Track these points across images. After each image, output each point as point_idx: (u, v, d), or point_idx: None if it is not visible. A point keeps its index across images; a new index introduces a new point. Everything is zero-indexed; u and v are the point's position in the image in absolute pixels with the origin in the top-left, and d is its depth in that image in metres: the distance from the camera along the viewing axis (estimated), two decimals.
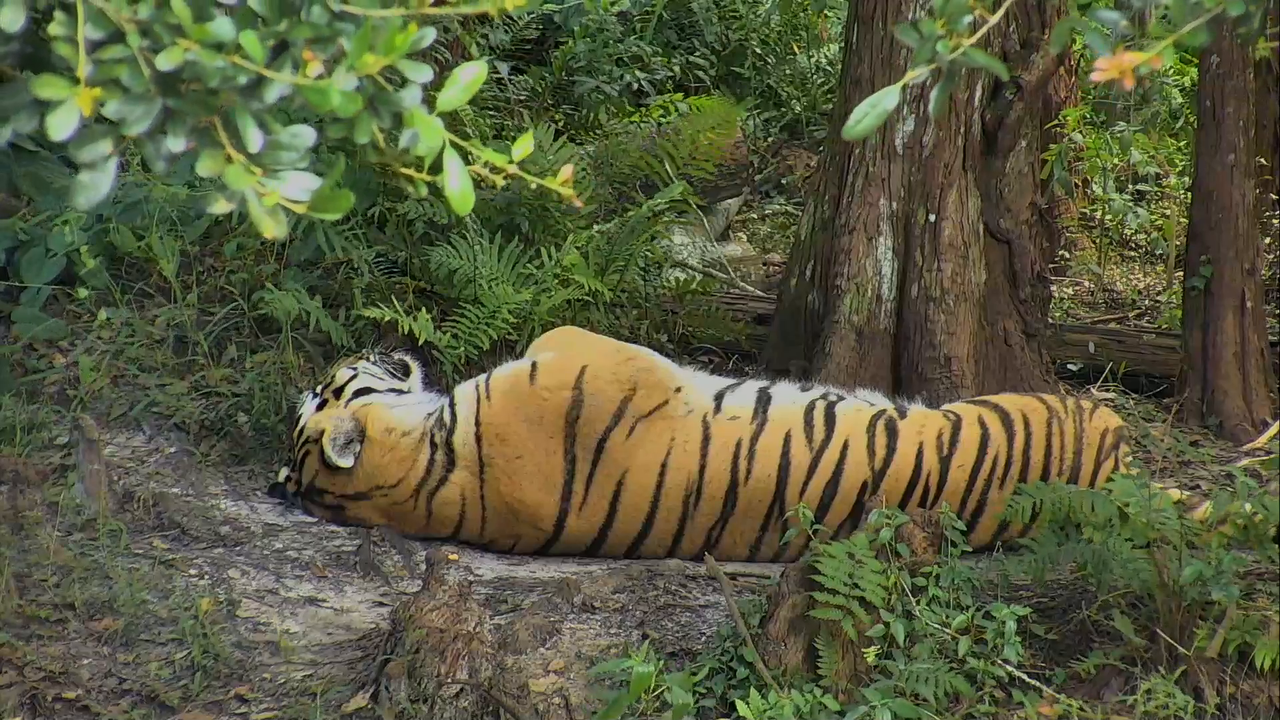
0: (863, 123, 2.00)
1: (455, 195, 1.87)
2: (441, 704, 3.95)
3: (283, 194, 1.82)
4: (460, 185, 1.86)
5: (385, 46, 1.82)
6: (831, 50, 10.10)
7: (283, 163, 1.83)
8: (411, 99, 1.88)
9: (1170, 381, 6.76)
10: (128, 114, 1.78)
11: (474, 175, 1.90)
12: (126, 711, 3.98)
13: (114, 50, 1.76)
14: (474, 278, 6.03)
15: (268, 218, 1.82)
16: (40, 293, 5.80)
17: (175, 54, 1.74)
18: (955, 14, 1.96)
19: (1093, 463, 5.16)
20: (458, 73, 1.86)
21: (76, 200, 1.83)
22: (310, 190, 1.83)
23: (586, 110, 9.43)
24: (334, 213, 1.85)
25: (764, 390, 5.24)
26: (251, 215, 1.83)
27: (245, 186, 1.81)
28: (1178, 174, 9.11)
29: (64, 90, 1.74)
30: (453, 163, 1.86)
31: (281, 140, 1.83)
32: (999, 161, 6.23)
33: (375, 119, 1.87)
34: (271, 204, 1.82)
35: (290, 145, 1.83)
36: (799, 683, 3.93)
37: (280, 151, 1.83)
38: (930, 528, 4.19)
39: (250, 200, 1.82)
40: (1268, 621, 3.92)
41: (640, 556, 5.08)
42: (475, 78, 1.86)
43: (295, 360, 5.81)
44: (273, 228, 1.84)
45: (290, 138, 1.83)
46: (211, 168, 1.82)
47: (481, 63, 1.89)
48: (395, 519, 5.16)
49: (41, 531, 4.62)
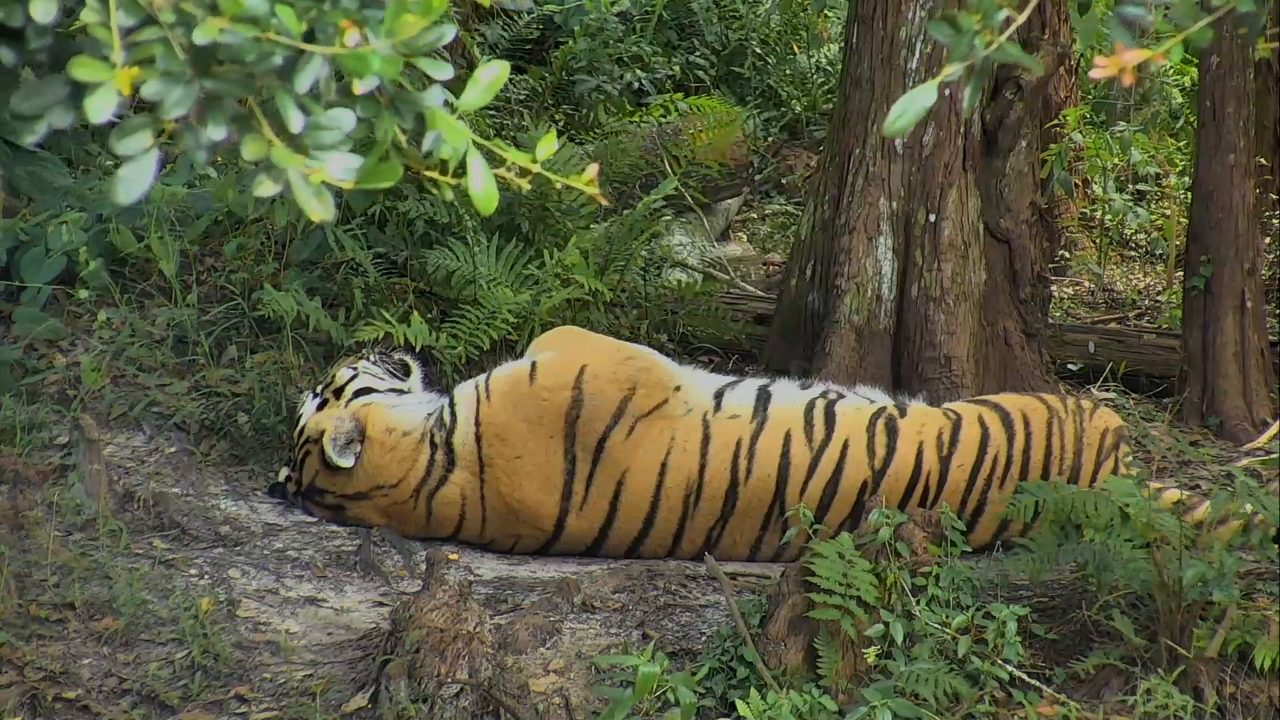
0: (900, 120, 2.00)
1: (480, 196, 1.87)
2: (441, 704, 3.94)
3: (328, 173, 1.82)
4: (484, 186, 1.86)
5: (424, 8, 1.81)
6: (831, 50, 10.09)
7: (324, 144, 1.83)
8: (434, 99, 1.88)
9: (1170, 381, 6.76)
10: (166, 95, 1.78)
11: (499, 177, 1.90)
12: (126, 711, 3.98)
13: (148, 32, 1.76)
14: (473, 278, 6.03)
15: (313, 199, 1.82)
16: (40, 293, 5.80)
17: (210, 28, 1.74)
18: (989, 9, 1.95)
19: (1093, 463, 5.16)
20: (478, 73, 1.86)
21: (117, 196, 1.82)
22: (353, 169, 1.83)
23: (587, 110, 9.43)
24: (385, 181, 1.84)
25: (764, 388, 5.24)
26: (297, 198, 1.82)
27: (291, 166, 1.80)
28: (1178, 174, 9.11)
29: (102, 72, 1.73)
30: (476, 164, 1.86)
31: (321, 122, 1.83)
32: (999, 161, 6.23)
33: (397, 119, 1.86)
34: (318, 181, 1.81)
35: (330, 126, 1.83)
36: (799, 683, 3.94)
37: (321, 132, 1.83)
38: (930, 527, 4.19)
39: (295, 182, 1.81)
40: (1268, 621, 3.92)
41: (640, 556, 5.08)
42: (497, 78, 1.86)
43: (295, 360, 5.81)
44: (319, 210, 1.83)
45: (330, 120, 1.83)
46: (256, 151, 1.81)
47: (503, 63, 1.89)
48: (395, 519, 5.16)
49: (41, 531, 4.62)
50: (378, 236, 6.33)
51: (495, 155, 1.92)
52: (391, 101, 1.87)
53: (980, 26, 1.96)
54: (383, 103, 1.86)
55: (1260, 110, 7.16)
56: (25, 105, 1.85)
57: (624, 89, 9.53)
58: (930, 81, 1.98)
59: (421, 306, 6.10)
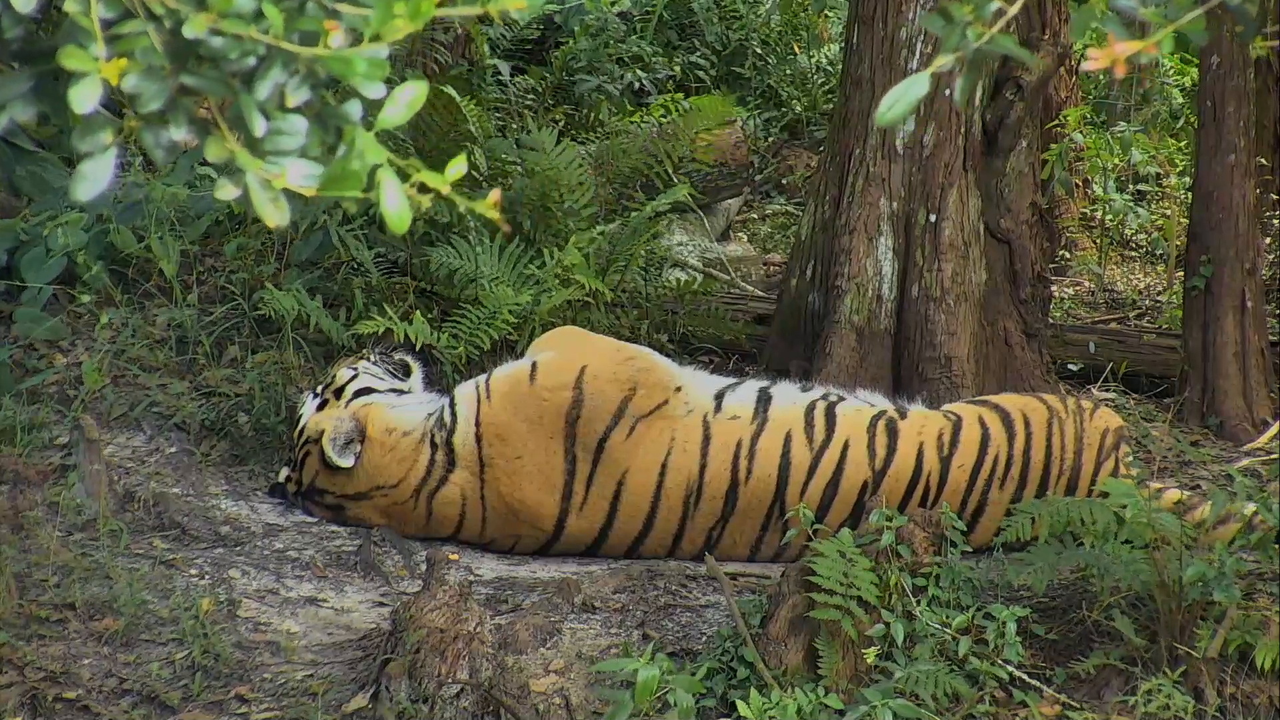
0: (893, 109, 1.99)
1: (392, 215, 1.86)
2: (442, 704, 3.95)
3: (289, 179, 1.82)
4: (397, 205, 1.85)
5: (412, 11, 1.81)
6: (832, 50, 10.10)
7: (283, 149, 1.83)
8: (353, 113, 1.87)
9: (1170, 381, 6.76)
10: (144, 90, 1.78)
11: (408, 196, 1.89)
12: (127, 711, 3.98)
13: (131, 25, 1.76)
14: (474, 278, 6.03)
15: (270, 205, 1.83)
16: (41, 293, 5.80)
17: (198, 24, 1.74)
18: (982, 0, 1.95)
19: (1093, 463, 5.16)
20: (397, 93, 1.85)
21: (76, 192, 1.83)
22: (313, 176, 1.83)
23: (587, 110, 9.43)
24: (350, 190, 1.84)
25: (764, 390, 5.24)
26: (254, 204, 1.83)
27: (253, 169, 1.81)
28: (1178, 174, 9.11)
29: (89, 63, 1.74)
30: (389, 183, 1.85)
31: (282, 128, 1.83)
32: (999, 161, 6.23)
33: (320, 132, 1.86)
34: (280, 187, 1.82)
35: (291, 131, 1.83)
36: (799, 683, 3.94)
37: (280, 138, 1.83)
38: (930, 528, 4.19)
39: (254, 189, 1.82)
40: (1268, 622, 3.92)
41: (640, 556, 5.08)
42: (416, 97, 1.85)
43: (296, 360, 5.81)
44: (275, 216, 1.84)
45: (290, 126, 1.83)
46: (218, 153, 1.82)
47: (422, 83, 1.88)
48: (395, 519, 5.16)
49: (42, 531, 4.62)
50: (378, 237, 6.33)
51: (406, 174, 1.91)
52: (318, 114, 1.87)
53: (972, 18, 1.96)
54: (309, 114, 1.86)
55: (1260, 110, 7.16)
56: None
57: (624, 89, 9.53)
58: (923, 72, 1.98)
59: (422, 306, 6.10)
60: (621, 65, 9.64)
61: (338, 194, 1.85)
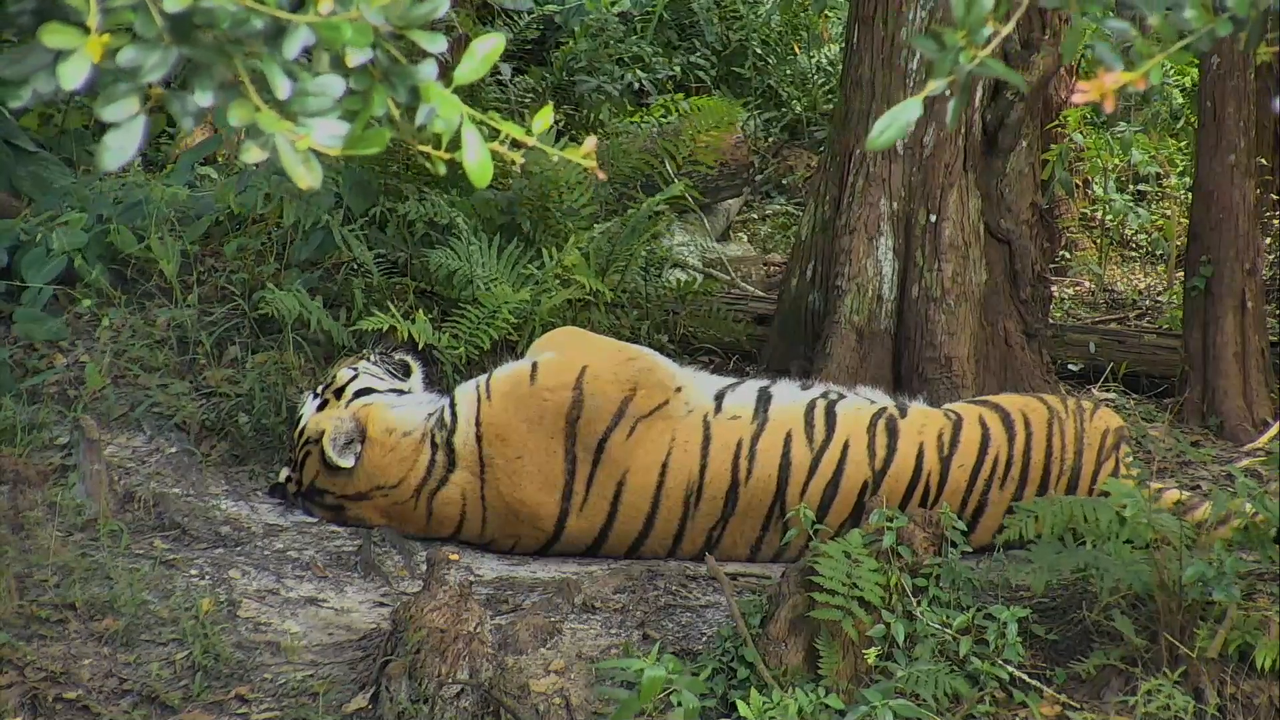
0: (885, 134, 2.00)
1: (474, 168, 1.86)
2: (442, 704, 3.95)
3: (315, 139, 1.81)
4: (479, 158, 1.85)
5: None
6: (832, 50, 10.10)
7: (311, 110, 1.82)
8: (427, 73, 1.86)
9: (1170, 381, 6.76)
10: (142, 61, 1.77)
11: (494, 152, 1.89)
12: (127, 712, 3.98)
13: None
14: (473, 278, 6.03)
15: (300, 166, 1.82)
16: (41, 293, 5.80)
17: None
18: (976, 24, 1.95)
19: (1093, 463, 5.16)
20: (475, 45, 1.85)
21: (104, 161, 1.81)
22: (339, 135, 1.82)
23: (588, 110, 9.43)
24: (371, 148, 1.83)
25: (764, 390, 5.24)
26: (284, 164, 1.81)
27: (278, 131, 1.80)
28: (1178, 174, 9.11)
29: (74, 39, 1.72)
30: (470, 136, 1.85)
31: (309, 88, 1.82)
32: (1000, 162, 6.23)
33: (390, 92, 1.86)
34: (304, 147, 1.81)
35: (318, 92, 1.82)
36: (800, 683, 3.94)
37: (308, 99, 1.82)
38: (931, 528, 4.19)
39: (282, 148, 1.81)
40: (1268, 622, 3.92)
41: (641, 557, 5.08)
42: (494, 49, 1.85)
43: (296, 360, 5.81)
44: (306, 177, 1.83)
45: (317, 86, 1.82)
46: (243, 116, 1.81)
47: (499, 35, 1.87)
48: (396, 519, 5.16)
49: (42, 532, 4.62)
50: (378, 237, 6.33)
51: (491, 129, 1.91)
52: (385, 74, 1.86)
53: (965, 43, 1.96)
54: (375, 75, 1.85)
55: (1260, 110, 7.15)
56: (8, 71, 1.84)
57: (625, 89, 9.53)
58: (915, 97, 1.99)
59: (422, 306, 6.10)
60: (621, 66, 9.64)
61: (360, 152, 1.84)
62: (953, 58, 1.96)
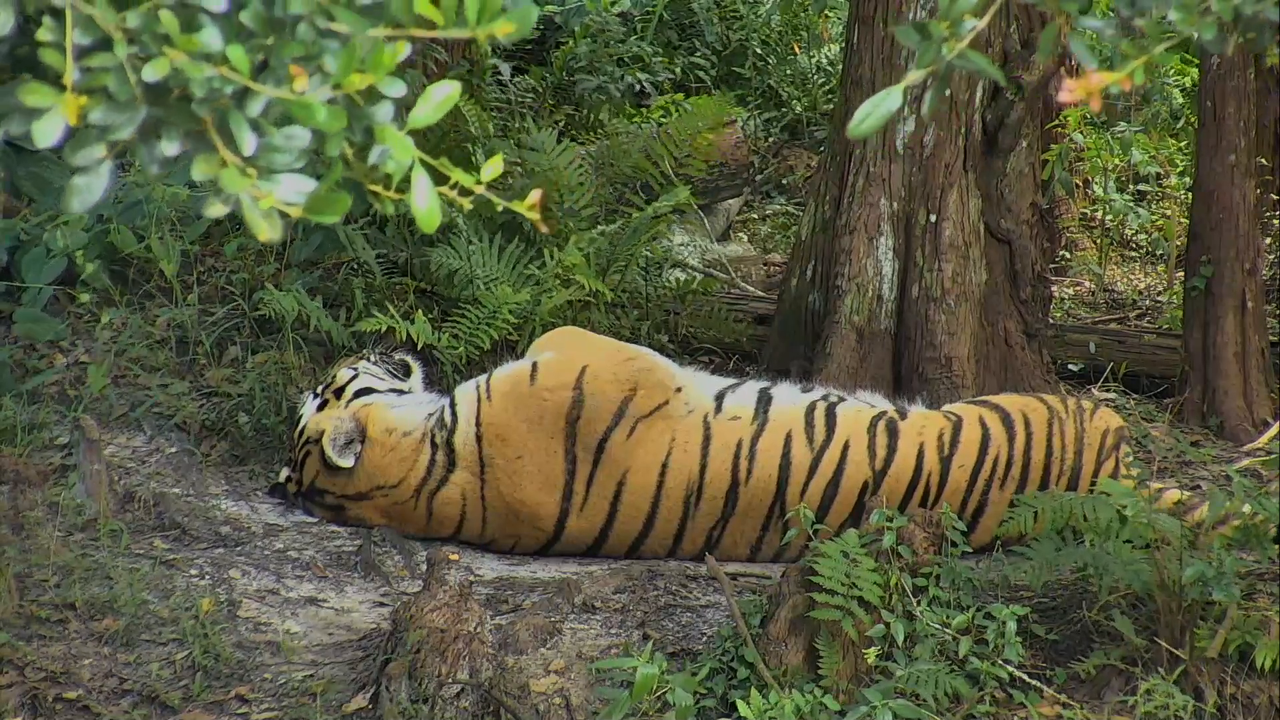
0: (865, 123, 2.00)
1: (422, 214, 1.86)
2: (442, 704, 3.95)
3: (278, 196, 1.82)
4: (427, 204, 1.85)
5: (373, 64, 1.81)
6: (832, 50, 10.09)
7: (277, 165, 1.82)
8: (384, 115, 1.87)
9: (1171, 382, 6.76)
10: (113, 121, 1.78)
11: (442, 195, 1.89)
12: (127, 712, 3.98)
13: (101, 58, 1.76)
14: (474, 278, 6.03)
15: (263, 221, 1.82)
16: (41, 293, 5.80)
17: (162, 65, 1.74)
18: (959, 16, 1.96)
19: (1093, 463, 5.16)
20: (430, 91, 1.85)
21: (70, 204, 1.83)
22: (305, 192, 1.83)
23: (588, 110, 9.43)
24: (331, 215, 1.84)
25: (765, 391, 5.24)
26: (247, 219, 1.82)
27: (241, 190, 1.80)
28: (1178, 174, 9.11)
29: (49, 98, 1.74)
30: (421, 181, 1.85)
31: (275, 142, 1.82)
32: (1000, 162, 6.23)
33: (347, 133, 1.86)
34: (267, 207, 1.81)
35: (284, 147, 1.83)
36: (800, 683, 3.94)
37: (274, 154, 1.82)
38: (931, 528, 4.19)
39: (245, 204, 1.81)
40: (1268, 622, 3.92)
41: (641, 557, 5.08)
42: (448, 97, 1.85)
43: (296, 360, 5.81)
44: (268, 231, 1.83)
45: (284, 139, 1.83)
46: (206, 170, 1.82)
47: (455, 83, 1.88)
48: (396, 519, 5.16)
49: (42, 531, 4.63)
50: (378, 237, 6.33)
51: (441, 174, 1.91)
52: None
53: (949, 34, 1.97)
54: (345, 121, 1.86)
55: (1260, 110, 7.15)
56: None
57: (625, 90, 9.53)
58: (896, 86, 1.99)
59: (422, 306, 6.10)
60: (621, 66, 9.64)
61: (322, 218, 1.84)
62: (935, 49, 1.96)
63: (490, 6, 1.82)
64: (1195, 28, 1.99)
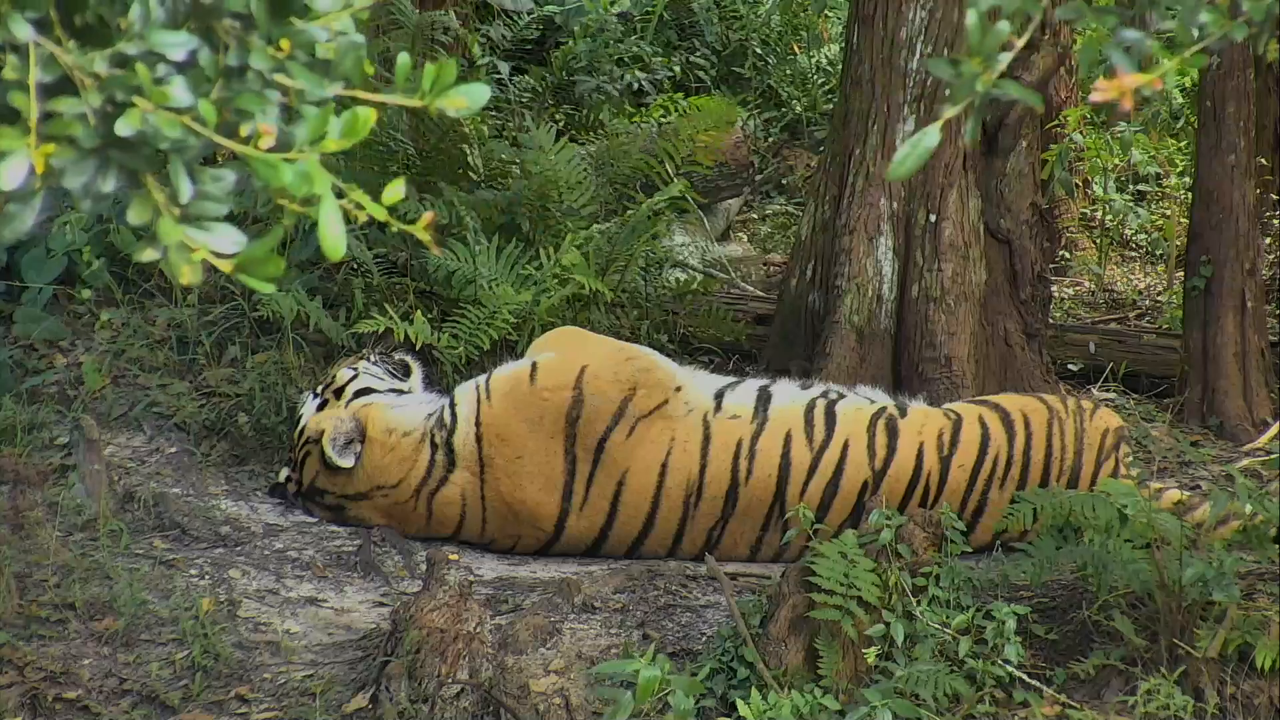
0: (906, 164, 2.01)
1: (330, 240, 1.85)
2: (442, 704, 3.95)
3: (211, 247, 1.80)
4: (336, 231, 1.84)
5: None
6: (832, 50, 10.09)
7: (209, 214, 1.80)
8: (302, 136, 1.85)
9: (1170, 381, 6.76)
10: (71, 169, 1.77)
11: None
12: (127, 712, 3.98)
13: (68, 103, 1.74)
14: (473, 278, 6.03)
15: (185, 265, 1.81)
16: (42, 293, 5.80)
17: (134, 117, 1.73)
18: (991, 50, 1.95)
19: (1093, 463, 5.16)
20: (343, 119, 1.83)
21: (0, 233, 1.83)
22: (238, 243, 1.81)
23: (587, 110, 9.43)
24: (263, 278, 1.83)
25: (764, 389, 5.24)
26: (170, 262, 1.80)
27: (174, 240, 1.79)
28: (1178, 174, 9.11)
29: (16, 142, 1.72)
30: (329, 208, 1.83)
31: (208, 190, 1.80)
32: (999, 162, 6.23)
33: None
34: (199, 259, 1.80)
35: (215, 195, 1.81)
36: (799, 683, 3.93)
37: (206, 202, 1.80)
38: (930, 528, 4.19)
39: (173, 250, 1.80)
40: (1268, 622, 3.92)
41: (641, 556, 5.08)
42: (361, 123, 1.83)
43: (296, 360, 5.81)
44: (189, 275, 1.82)
45: (214, 182, 1.81)
46: (141, 216, 1.79)
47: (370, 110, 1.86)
48: (396, 519, 5.16)
49: (42, 531, 4.62)
50: (378, 237, 6.33)
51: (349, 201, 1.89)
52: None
53: (983, 69, 1.97)
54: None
55: (1260, 110, 7.16)
56: None
57: (624, 89, 9.53)
58: (934, 124, 1.99)
59: (422, 306, 6.10)
60: (621, 65, 9.64)
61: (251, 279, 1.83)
62: (970, 85, 1.96)
63: (443, 79, 1.81)
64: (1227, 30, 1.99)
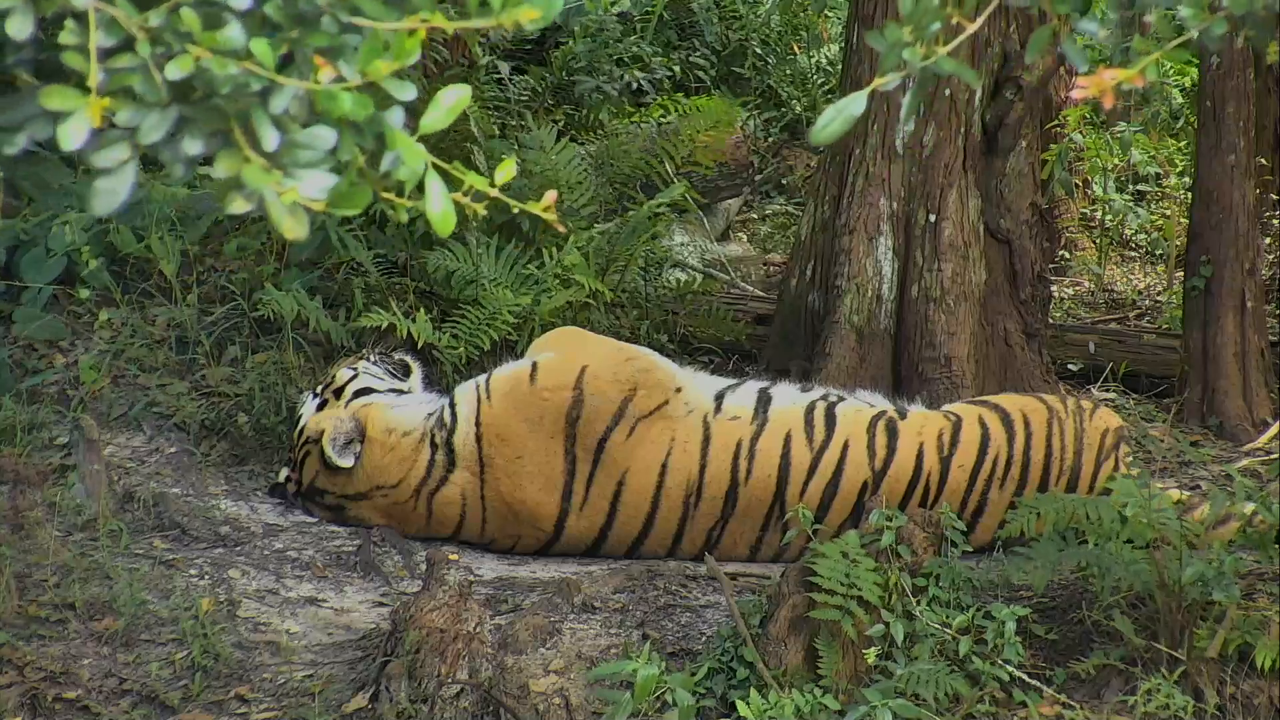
0: (830, 127, 1.99)
1: (437, 218, 1.86)
2: (442, 704, 3.95)
3: (301, 192, 1.81)
4: (442, 208, 1.85)
5: (397, 52, 1.81)
6: (832, 50, 10.09)
7: (300, 162, 1.82)
8: (394, 120, 1.87)
9: (1170, 381, 6.76)
10: (141, 122, 1.78)
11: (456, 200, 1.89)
12: (127, 711, 3.98)
13: (125, 59, 1.75)
14: (474, 279, 6.03)
15: (288, 217, 1.82)
16: (41, 293, 5.80)
17: (185, 62, 1.74)
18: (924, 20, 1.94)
19: (1093, 463, 5.16)
20: (440, 96, 1.85)
21: (94, 207, 1.82)
22: (326, 188, 1.82)
23: (587, 110, 9.42)
24: (353, 208, 1.84)
25: (764, 390, 5.24)
26: (271, 215, 1.82)
27: (264, 185, 1.80)
28: (1178, 174, 9.11)
29: (73, 101, 1.73)
30: (434, 185, 1.85)
31: (299, 140, 1.82)
32: (999, 161, 6.23)
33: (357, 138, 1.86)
34: (290, 201, 1.81)
35: (308, 145, 1.82)
36: (799, 683, 3.93)
37: (298, 151, 1.82)
38: (930, 528, 4.19)
39: (269, 200, 1.81)
40: (1268, 622, 3.92)
41: (640, 557, 5.08)
42: (459, 100, 1.85)
43: (296, 360, 5.81)
44: (293, 227, 1.83)
45: (308, 138, 1.83)
46: (229, 168, 1.81)
47: (465, 86, 1.88)
48: (396, 519, 5.16)
49: (42, 531, 4.62)
50: (378, 237, 6.33)
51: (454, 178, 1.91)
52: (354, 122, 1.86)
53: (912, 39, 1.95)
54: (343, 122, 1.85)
55: (1260, 110, 7.15)
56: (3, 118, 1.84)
57: (624, 89, 9.53)
58: (862, 91, 1.98)
59: (422, 306, 6.10)
60: (621, 65, 9.63)
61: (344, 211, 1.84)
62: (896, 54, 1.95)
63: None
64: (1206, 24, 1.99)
